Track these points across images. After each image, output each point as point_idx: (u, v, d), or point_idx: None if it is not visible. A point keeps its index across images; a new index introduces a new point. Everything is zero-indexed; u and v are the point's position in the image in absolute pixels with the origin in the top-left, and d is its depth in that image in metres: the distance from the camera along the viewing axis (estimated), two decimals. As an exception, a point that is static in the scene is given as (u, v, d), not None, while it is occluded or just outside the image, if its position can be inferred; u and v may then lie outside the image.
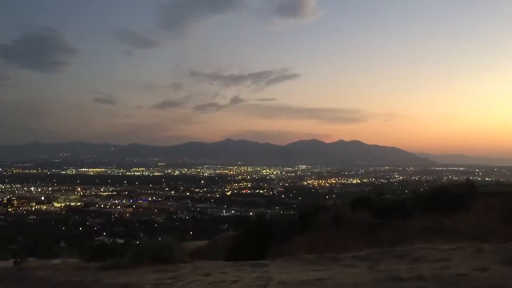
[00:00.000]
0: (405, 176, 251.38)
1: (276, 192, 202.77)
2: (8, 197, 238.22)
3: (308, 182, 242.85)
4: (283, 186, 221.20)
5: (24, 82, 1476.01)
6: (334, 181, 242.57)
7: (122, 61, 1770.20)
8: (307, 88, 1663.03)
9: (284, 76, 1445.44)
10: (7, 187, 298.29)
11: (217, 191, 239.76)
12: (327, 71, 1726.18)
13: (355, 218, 17.98)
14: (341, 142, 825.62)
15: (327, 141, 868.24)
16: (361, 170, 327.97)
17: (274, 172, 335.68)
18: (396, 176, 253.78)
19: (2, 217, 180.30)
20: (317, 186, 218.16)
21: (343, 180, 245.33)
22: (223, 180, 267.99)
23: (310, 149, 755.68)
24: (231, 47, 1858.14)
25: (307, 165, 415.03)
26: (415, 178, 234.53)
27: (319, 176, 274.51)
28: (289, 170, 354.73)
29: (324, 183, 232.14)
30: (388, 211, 17.38)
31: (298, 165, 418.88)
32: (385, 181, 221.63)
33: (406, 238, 11.76)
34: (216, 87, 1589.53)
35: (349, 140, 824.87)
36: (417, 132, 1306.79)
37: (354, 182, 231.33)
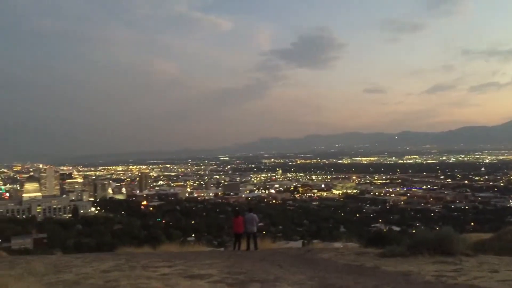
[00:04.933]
0: None
1: None
2: (294, 184, 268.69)
3: None
4: None
5: (302, 80, 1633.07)
6: None
7: (387, 49, 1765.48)
8: None
9: None
10: (293, 176, 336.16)
11: (501, 179, 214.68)
12: None
13: None
14: None
15: None
16: None
17: None
18: None
19: (290, 202, 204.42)
20: None
21: None
22: (508, 166, 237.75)
23: None
24: (508, 18, 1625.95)
25: None
26: None
27: None
28: None
29: None
30: None
31: None
32: None
33: None
34: (494, 64, 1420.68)
35: None
36: None
37: None
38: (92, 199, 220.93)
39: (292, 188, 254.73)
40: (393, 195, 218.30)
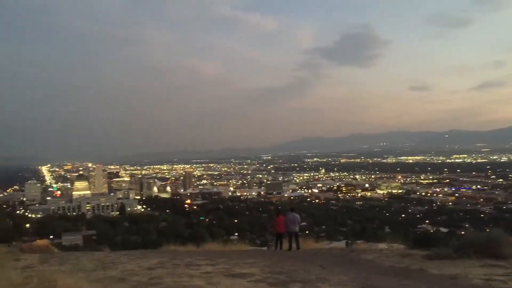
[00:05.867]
0: None
1: None
2: (337, 184, 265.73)
3: None
4: None
5: (345, 78, 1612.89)
6: None
7: (434, 46, 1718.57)
8: None
9: None
10: (336, 175, 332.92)
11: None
12: None
13: None
14: None
15: None
16: None
17: None
18: None
19: (333, 202, 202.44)
20: None
21: None
22: None
23: None
24: None
25: None
26: None
27: None
28: None
29: None
30: None
31: None
32: None
33: None
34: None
35: None
36: None
37: None
38: (138, 197, 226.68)
39: (335, 187, 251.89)
40: (440, 195, 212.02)
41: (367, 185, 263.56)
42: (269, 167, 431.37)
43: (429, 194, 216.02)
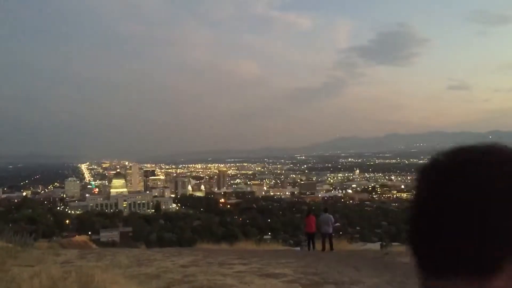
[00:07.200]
0: None
1: None
2: (372, 185, 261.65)
3: None
4: None
5: (381, 77, 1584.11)
6: None
7: (474, 44, 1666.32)
8: None
9: None
10: (370, 176, 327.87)
11: None
12: None
13: None
14: None
15: None
16: None
17: None
18: None
19: (368, 203, 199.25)
20: None
21: None
22: None
23: None
24: None
25: None
26: None
27: None
28: None
29: None
30: None
31: None
32: None
33: None
34: None
35: None
36: None
37: None
38: (173, 195, 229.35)
39: (370, 188, 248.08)
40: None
41: (403, 186, 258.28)
42: (303, 167, 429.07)
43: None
